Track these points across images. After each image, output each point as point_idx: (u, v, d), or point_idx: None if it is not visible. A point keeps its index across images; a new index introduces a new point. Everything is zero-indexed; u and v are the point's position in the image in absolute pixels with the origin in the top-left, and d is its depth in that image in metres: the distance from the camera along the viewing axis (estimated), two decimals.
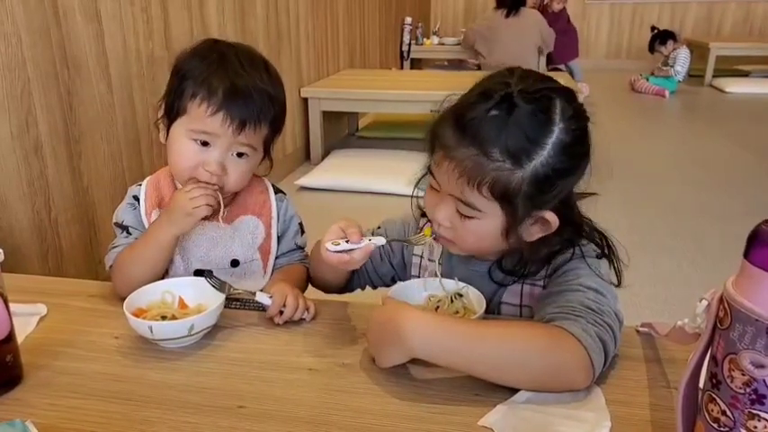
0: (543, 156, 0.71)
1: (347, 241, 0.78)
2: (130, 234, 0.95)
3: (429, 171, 0.79)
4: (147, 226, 0.95)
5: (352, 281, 0.98)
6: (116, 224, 0.97)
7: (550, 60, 5.40)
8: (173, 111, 0.90)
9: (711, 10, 7.31)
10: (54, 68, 1.63)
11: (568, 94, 0.75)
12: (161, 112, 0.92)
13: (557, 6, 5.53)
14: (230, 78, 0.86)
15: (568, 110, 0.73)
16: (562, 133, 0.71)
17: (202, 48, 0.91)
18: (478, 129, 0.71)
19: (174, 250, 0.93)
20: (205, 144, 0.88)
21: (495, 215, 0.74)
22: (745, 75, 6.43)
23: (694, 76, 6.16)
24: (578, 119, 0.74)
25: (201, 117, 0.86)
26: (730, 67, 6.43)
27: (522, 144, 0.70)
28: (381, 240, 0.81)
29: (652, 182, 3.31)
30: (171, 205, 0.89)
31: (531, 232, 0.77)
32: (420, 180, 0.86)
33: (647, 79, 5.85)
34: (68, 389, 0.71)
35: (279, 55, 3.13)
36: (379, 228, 0.98)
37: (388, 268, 0.98)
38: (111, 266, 0.93)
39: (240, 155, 0.90)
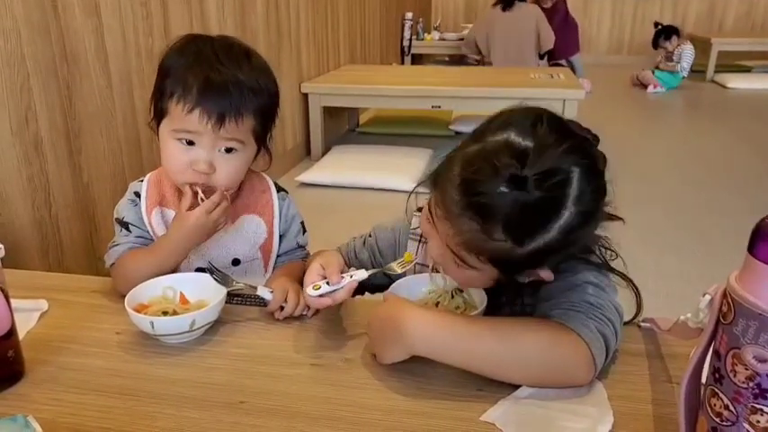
0: (546, 237, 0.67)
1: (328, 282, 0.77)
2: (130, 232, 0.95)
3: (428, 206, 0.75)
4: (146, 223, 0.95)
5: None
6: (116, 220, 0.96)
7: (552, 56, 5.38)
8: (157, 112, 0.89)
9: (713, 5, 7.28)
10: (53, 64, 1.63)
11: (589, 166, 0.68)
12: (151, 114, 0.91)
13: (547, 3, 5.49)
14: (204, 73, 0.84)
15: (585, 193, 0.67)
16: (571, 217, 0.67)
17: (181, 44, 0.89)
18: (484, 206, 0.66)
19: None
20: (191, 143, 0.86)
21: (489, 272, 0.72)
22: (748, 70, 6.42)
23: (696, 71, 6.14)
24: (594, 199, 0.69)
25: (180, 116, 0.84)
26: (732, 63, 6.42)
27: (525, 228, 0.67)
28: (363, 275, 0.79)
29: (654, 178, 3.31)
30: (188, 225, 0.86)
31: (524, 279, 0.75)
32: (416, 187, 0.83)
33: (653, 72, 5.83)
34: (70, 384, 0.71)
35: (279, 50, 3.13)
36: (370, 236, 0.98)
37: (381, 276, 0.97)
38: (111, 265, 0.93)
39: (228, 150, 0.87)
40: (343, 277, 0.78)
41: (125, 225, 0.95)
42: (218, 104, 0.84)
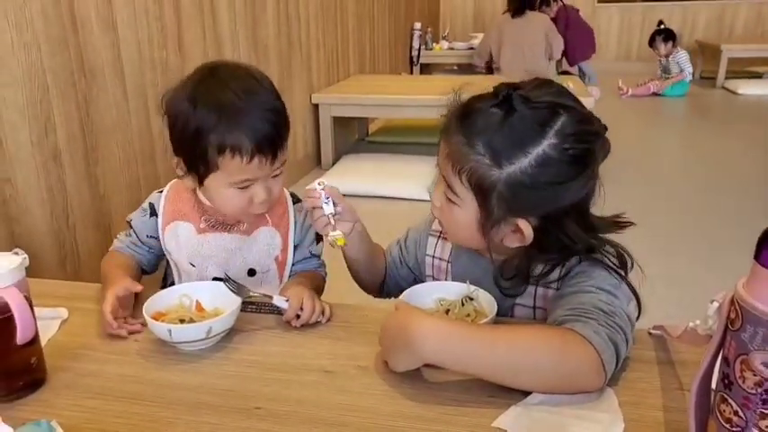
0: (524, 163, 0.71)
1: (327, 194, 0.87)
2: (131, 235, 1.01)
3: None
4: (161, 237, 0.99)
5: (384, 283, 1.02)
6: (127, 220, 1.03)
7: (560, 62, 5.39)
8: (199, 168, 0.88)
9: (723, 11, 7.26)
10: (72, 77, 1.67)
11: (581, 117, 0.74)
12: (182, 169, 0.91)
13: (551, 12, 5.49)
14: (244, 121, 0.84)
15: (569, 129, 0.72)
16: (551, 148, 0.71)
17: (197, 93, 0.86)
18: (473, 120, 0.74)
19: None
20: (248, 186, 0.89)
21: (471, 206, 0.76)
22: (758, 76, 6.38)
23: (706, 78, 6.11)
24: (577, 141, 0.72)
25: (238, 167, 0.86)
26: (742, 69, 6.39)
27: (505, 145, 0.72)
28: (329, 209, 0.87)
29: (665, 184, 3.30)
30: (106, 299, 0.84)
31: (507, 238, 0.78)
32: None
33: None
34: (91, 390, 0.72)
35: (290, 61, 3.16)
36: (405, 234, 1.03)
37: (406, 271, 1.01)
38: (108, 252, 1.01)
39: (276, 175, 0.92)
40: (334, 206, 0.87)
41: (130, 227, 1.02)
42: (270, 144, 0.86)
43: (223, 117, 0.84)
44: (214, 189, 0.90)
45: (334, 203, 0.87)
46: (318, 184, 0.88)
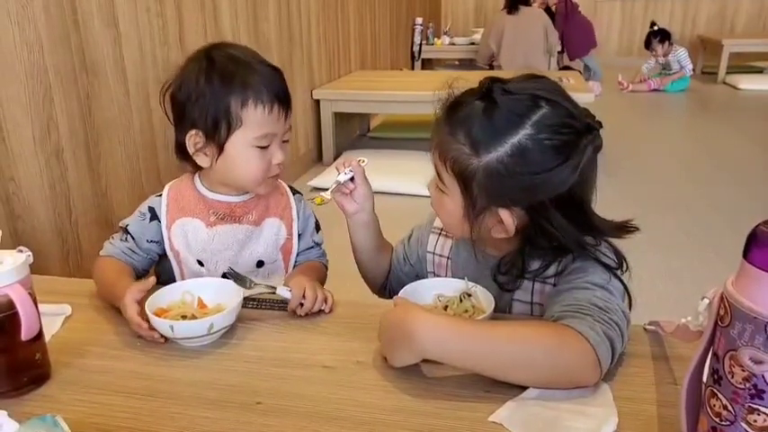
0: (500, 152, 0.73)
1: (352, 168, 0.95)
2: (127, 240, 0.99)
3: None
4: (167, 239, 0.98)
5: (388, 281, 1.04)
6: (121, 226, 1.01)
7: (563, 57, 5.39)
8: (220, 132, 0.91)
9: (724, 6, 7.23)
10: (74, 74, 1.68)
11: (565, 112, 0.74)
12: (199, 142, 0.92)
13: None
14: (261, 75, 0.91)
15: (548, 120, 0.72)
16: (527, 138, 0.72)
17: (209, 63, 0.91)
18: (456, 111, 0.77)
19: None
20: (266, 146, 0.93)
21: (457, 195, 0.79)
22: (759, 71, 6.37)
23: (707, 73, 6.10)
24: (555, 132, 0.72)
25: (261, 120, 0.90)
26: (744, 64, 6.38)
27: (482, 135, 0.74)
28: (342, 178, 0.94)
29: (665, 178, 3.30)
30: (122, 305, 0.83)
31: (494, 230, 0.79)
32: None
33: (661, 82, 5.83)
34: (94, 385, 0.74)
35: (291, 57, 3.17)
36: (410, 233, 1.05)
37: (409, 267, 1.02)
38: (99, 257, 1.00)
39: (285, 140, 0.96)
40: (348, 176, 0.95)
41: (127, 232, 0.99)
42: (284, 96, 0.93)
43: (241, 74, 0.90)
44: (236, 152, 0.92)
45: (352, 180, 0.94)
46: (358, 159, 0.96)
